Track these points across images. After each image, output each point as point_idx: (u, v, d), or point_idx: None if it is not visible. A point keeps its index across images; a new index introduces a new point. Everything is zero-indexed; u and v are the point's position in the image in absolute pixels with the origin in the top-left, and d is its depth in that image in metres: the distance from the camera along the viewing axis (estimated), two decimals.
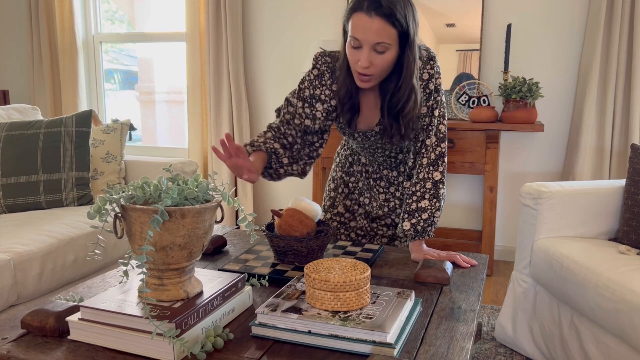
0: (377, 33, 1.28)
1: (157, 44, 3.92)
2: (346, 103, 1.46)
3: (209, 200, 0.96)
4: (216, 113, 3.43)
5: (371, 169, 1.67)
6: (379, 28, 1.27)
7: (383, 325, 0.89)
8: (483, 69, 3.05)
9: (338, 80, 1.46)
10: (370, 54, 1.31)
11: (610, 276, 1.57)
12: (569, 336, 1.75)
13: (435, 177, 1.45)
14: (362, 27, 1.29)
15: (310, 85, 1.49)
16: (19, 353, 0.90)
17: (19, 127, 2.41)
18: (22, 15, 3.83)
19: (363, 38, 1.29)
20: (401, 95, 1.39)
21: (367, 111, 1.50)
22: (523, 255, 1.97)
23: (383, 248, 1.48)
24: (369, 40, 1.29)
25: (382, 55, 1.31)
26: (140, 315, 0.88)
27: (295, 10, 3.35)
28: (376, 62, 1.32)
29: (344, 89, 1.44)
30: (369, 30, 1.28)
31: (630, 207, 1.85)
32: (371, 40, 1.29)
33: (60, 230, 2.06)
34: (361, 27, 1.29)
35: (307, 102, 1.49)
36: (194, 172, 2.67)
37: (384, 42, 1.29)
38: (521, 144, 3.08)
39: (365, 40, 1.29)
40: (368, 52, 1.30)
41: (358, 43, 1.31)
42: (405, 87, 1.38)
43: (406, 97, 1.39)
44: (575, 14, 2.91)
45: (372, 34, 1.28)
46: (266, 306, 0.97)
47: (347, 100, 1.46)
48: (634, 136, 2.74)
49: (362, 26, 1.29)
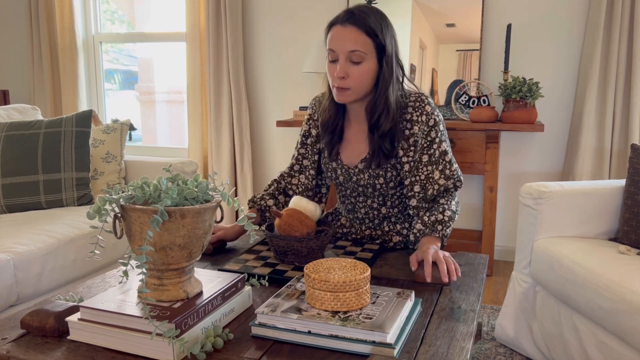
0: (351, 41, 1.31)
1: (157, 44, 3.92)
2: (328, 127, 1.48)
3: (208, 200, 0.96)
4: (216, 113, 3.43)
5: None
6: (352, 36, 1.31)
7: (383, 325, 0.89)
8: (483, 69, 3.05)
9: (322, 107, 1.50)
10: (346, 64, 1.33)
11: (610, 276, 1.57)
12: (569, 336, 1.75)
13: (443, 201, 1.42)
14: (337, 37, 1.33)
15: (304, 125, 1.59)
16: (18, 353, 0.90)
17: (19, 127, 2.41)
18: (22, 15, 3.83)
19: (338, 48, 1.32)
20: (377, 108, 1.38)
21: (354, 143, 1.49)
22: (523, 255, 1.97)
23: (383, 248, 1.48)
24: (343, 48, 1.31)
25: (358, 66, 1.33)
26: (140, 316, 0.88)
27: (295, 10, 3.35)
28: (352, 73, 1.33)
29: (327, 113, 1.47)
30: (342, 39, 1.31)
31: (630, 207, 1.84)
32: (345, 48, 1.31)
33: (60, 230, 2.06)
34: (336, 38, 1.33)
35: (302, 143, 1.58)
36: (194, 172, 2.67)
37: (358, 50, 1.31)
38: (521, 144, 3.08)
39: (340, 49, 1.32)
40: (344, 61, 1.32)
41: (334, 55, 1.34)
42: (380, 100, 1.38)
43: (381, 109, 1.38)
44: (575, 14, 2.90)
45: (346, 42, 1.31)
46: (266, 306, 0.97)
47: (329, 124, 1.47)
48: (634, 136, 2.74)
49: (337, 37, 1.33)
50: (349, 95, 1.36)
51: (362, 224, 1.56)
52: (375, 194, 1.49)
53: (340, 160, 1.49)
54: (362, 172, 1.45)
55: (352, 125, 1.49)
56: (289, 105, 3.43)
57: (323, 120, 1.49)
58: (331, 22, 1.36)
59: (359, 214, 1.55)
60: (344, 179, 1.51)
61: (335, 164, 1.50)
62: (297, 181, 1.57)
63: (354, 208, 1.55)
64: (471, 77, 3.03)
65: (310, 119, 1.58)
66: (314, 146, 1.57)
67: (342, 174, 1.50)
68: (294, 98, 3.42)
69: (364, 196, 1.51)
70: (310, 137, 1.57)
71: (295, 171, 1.58)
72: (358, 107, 1.44)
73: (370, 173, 1.44)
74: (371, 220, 1.54)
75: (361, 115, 1.45)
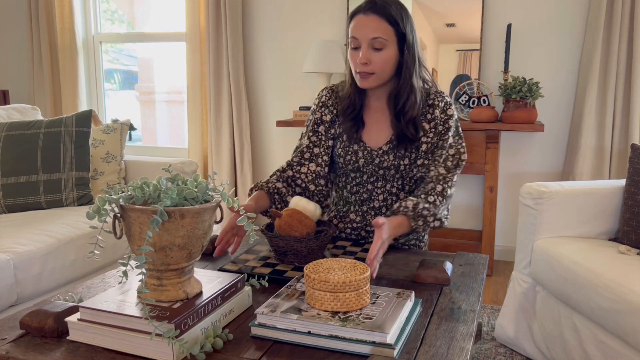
0: (373, 28, 1.37)
1: (157, 44, 3.92)
2: (350, 113, 1.50)
3: (208, 200, 0.96)
4: (216, 113, 3.43)
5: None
6: (374, 24, 1.37)
7: (383, 325, 0.89)
8: (483, 69, 3.05)
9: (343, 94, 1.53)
10: (368, 50, 1.38)
11: (610, 276, 1.57)
12: (569, 336, 1.75)
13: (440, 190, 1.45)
14: (359, 25, 1.38)
15: (312, 115, 1.58)
16: (17, 354, 0.90)
17: (19, 127, 2.41)
18: (22, 15, 3.83)
19: (360, 35, 1.38)
20: (402, 94, 1.44)
21: (375, 128, 1.52)
22: (523, 255, 1.97)
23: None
24: (366, 35, 1.37)
25: (380, 52, 1.38)
26: (140, 316, 0.88)
27: (295, 10, 3.35)
28: (374, 59, 1.39)
29: (348, 99, 1.50)
30: (365, 27, 1.38)
31: (630, 207, 1.84)
32: (368, 35, 1.37)
33: (60, 230, 2.06)
34: (358, 26, 1.38)
35: (312, 130, 1.56)
36: (194, 172, 2.67)
37: (380, 37, 1.37)
38: (521, 144, 3.08)
39: (362, 36, 1.38)
40: (366, 48, 1.38)
41: (357, 42, 1.39)
42: (405, 87, 1.44)
43: (406, 95, 1.44)
44: (575, 14, 2.90)
45: (369, 29, 1.37)
46: (266, 307, 0.97)
47: (350, 111, 1.50)
48: (634, 136, 2.74)
49: (359, 25, 1.38)
50: (372, 80, 1.41)
51: (378, 213, 1.55)
52: (396, 177, 1.52)
53: (363, 142, 1.51)
54: (387, 153, 1.49)
55: (372, 111, 1.52)
56: (289, 105, 3.43)
57: (344, 106, 1.51)
58: (353, 11, 1.42)
59: (375, 202, 1.55)
60: (365, 162, 1.51)
61: (357, 146, 1.52)
62: (306, 169, 1.54)
63: (371, 196, 1.55)
64: (471, 77, 3.03)
65: (324, 106, 1.56)
66: (327, 132, 1.56)
67: (364, 157, 1.51)
68: (294, 98, 3.42)
69: (383, 180, 1.53)
70: (322, 124, 1.56)
71: (305, 159, 1.55)
72: (380, 93, 1.49)
73: (396, 154, 1.49)
74: (388, 208, 1.54)
75: (382, 101, 1.50)
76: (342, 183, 1.60)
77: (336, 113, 1.55)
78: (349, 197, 1.59)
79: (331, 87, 1.59)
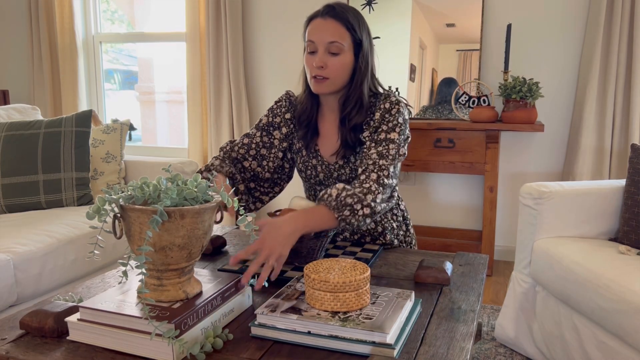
0: (330, 32, 1.37)
1: (157, 44, 3.92)
2: (304, 120, 1.49)
3: (208, 200, 0.96)
4: (216, 113, 3.43)
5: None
6: (331, 28, 1.37)
7: (383, 325, 0.89)
8: (483, 69, 3.05)
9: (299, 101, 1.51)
10: (325, 55, 1.38)
11: (610, 276, 1.57)
12: (569, 336, 1.75)
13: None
14: (317, 29, 1.39)
15: (270, 113, 1.54)
16: (17, 354, 0.90)
17: (19, 127, 2.41)
18: (22, 15, 3.83)
19: (317, 39, 1.38)
20: (350, 100, 1.43)
21: (329, 137, 1.50)
22: (523, 255, 1.97)
23: (383, 248, 1.48)
24: (323, 39, 1.37)
25: (337, 57, 1.38)
26: (140, 316, 0.88)
27: (295, 10, 3.35)
28: (330, 64, 1.38)
29: (303, 107, 1.49)
30: (323, 31, 1.38)
31: (630, 207, 1.84)
32: (325, 39, 1.37)
33: (60, 230, 2.06)
34: (316, 30, 1.39)
35: (264, 130, 1.52)
36: (194, 172, 2.67)
37: (337, 41, 1.37)
38: (521, 144, 3.08)
39: (319, 40, 1.38)
40: (322, 52, 1.38)
41: (313, 46, 1.39)
42: (354, 93, 1.42)
43: (354, 102, 1.42)
44: (575, 14, 2.90)
45: (326, 33, 1.37)
46: (266, 307, 0.97)
47: (304, 117, 1.49)
48: (634, 136, 2.74)
49: (317, 28, 1.39)
50: (327, 85, 1.40)
51: None
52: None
53: (321, 156, 1.50)
54: (343, 167, 1.47)
55: (326, 119, 1.51)
56: None
57: (298, 112, 1.50)
58: (311, 16, 1.42)
59: None
60: (325, 175, 1.51)
61: (316, 160, 1.51)
62: (248, 165, 1.50)
63: None
64: (471, 77, 3.03)
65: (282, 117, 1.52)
66: (281, 143, 1.52)
67: (323, 171, 1.50)
68: None
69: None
70: (278, 131, 1.52)
71: (250, 155, 1.49)
72: (332, 100, 1.47)
73: (351, 167, 1.47)
74: None
75: (334, 108, 1.48)
76: (312, 197, 1.59)
77: (294, 127, 1.53)
78: None
79: (290, 96, 1.56)
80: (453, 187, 3.21)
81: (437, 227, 3.25)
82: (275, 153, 1.52)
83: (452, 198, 3.22)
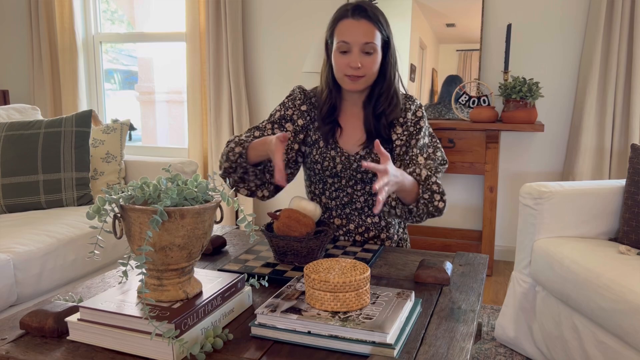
0: (366, 34, 1.40)
1: (157, 44, 3.92)
2: (327, 118, 1.51)
3: (208, 200, 0.96)
4: (216, 113, 3.43)
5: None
6: (366, 29, 1.40)
7: (383, 325, 0.89)
8: (483, 69, 3.05)
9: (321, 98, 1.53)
10: (360, 55, 1.41)
11: (610, 276, 1.57)
12: (569, 336, 1.75)
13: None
14: (351, 30, 1.40)
15: (283, 107, 1.55)
16: (17, 354, 0.90)
17: (19, 127, 2.41)
18: (22, 15, 3.83)
19: (352, 40, 1.40)
20: (385, 97, 1.47)
21: (350, 131, 1.53)
22: (523, 255, 1.97)
23: (383, 248, 1.48)
24: (358, 41, 1.40)
25: (370, 56, 1.42)
26: (140, 316, 0.88)
27: (295, 10, 3.35)
28: (365, 63, 1.42)
29: (328, 104, 1.51)
30: (357, 32, 1.40)
31: (630, 207, 1.84)
32: (360, 40, 1.40)
33: (60, 230, 2.06)
34: (349, 31, 1.40)
35: (277, 123, 1.53)
36: (194, 172, 2.67)
37: (372, 42, 1.40)
38: (521, 144, 3.08)
39: (354, 41, 1.40)
40: (358, 52, 1.41)
41: (347, 47, 1.41)
42: (389, 89, 1.47)
43: (390, 98, 1.48)
44: (575, 14, 2.90)
45: (361, 35, 1.40)
46: (266, 307, 0.97)
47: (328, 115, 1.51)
48: (634, 136, 2.74)
49: (351, 29, 1.40)
50: (362, 83, 1.44)
51: (361, 213, 1.55)
52: (374, 179, 1.51)
53: (340, 148, 1.52)
54: (364, 158, 1.50)
55: (348, 115, 1.54)
56: None
57: (322, 109, 1.52)
58: (340, 15, 1.44)
59: (357, 204, 1.55)
60: (343, 167, 1.51)
61: (334, 152, 1.51)
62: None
63: (351, 199, 1.55)
64: (471, 77, 3.03)
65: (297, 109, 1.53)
66: (296, 135, 1.53)
67: (342, 162, 1.51)
68: None
69: (362, 183, 1.52)
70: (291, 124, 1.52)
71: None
72: (356, 97, 1.52)
73: (373, 158, 1.49)
74: (370, 208, 1.56)
75: (358, 105, 1.52)
76: (319, 190, 1.58)
77: (310, 120, 1.54)
78: (328, 203, 1.57)
79: (304, 89, 1.58)
80: (453, 187, 3.21)
81: (437, 227, 3.25)
82: (291, 145, 1.53)
83: (452, 198, 3.22)
